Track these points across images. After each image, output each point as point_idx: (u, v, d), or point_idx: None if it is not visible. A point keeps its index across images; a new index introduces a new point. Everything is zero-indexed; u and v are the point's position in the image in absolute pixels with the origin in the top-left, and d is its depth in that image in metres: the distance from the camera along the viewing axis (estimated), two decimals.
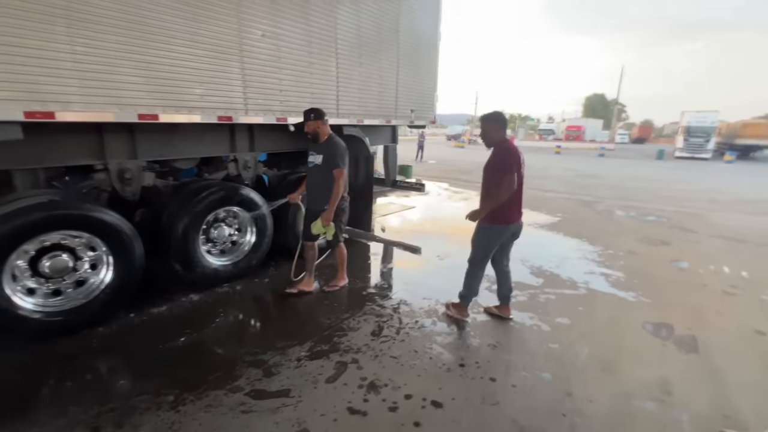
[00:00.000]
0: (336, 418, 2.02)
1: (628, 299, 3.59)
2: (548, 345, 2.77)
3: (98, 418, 1.98)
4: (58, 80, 2.38)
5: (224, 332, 2.89)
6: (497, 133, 2.89)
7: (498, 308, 3.23)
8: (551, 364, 2.55)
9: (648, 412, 2.14)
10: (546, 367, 2.51)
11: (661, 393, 2.29)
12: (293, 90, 3.83)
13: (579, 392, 2.28)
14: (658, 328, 3.09)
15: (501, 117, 2.95)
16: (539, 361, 2.57)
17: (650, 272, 4.26)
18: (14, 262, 2.51)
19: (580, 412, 2.11)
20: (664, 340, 2.91)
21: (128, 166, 3.32)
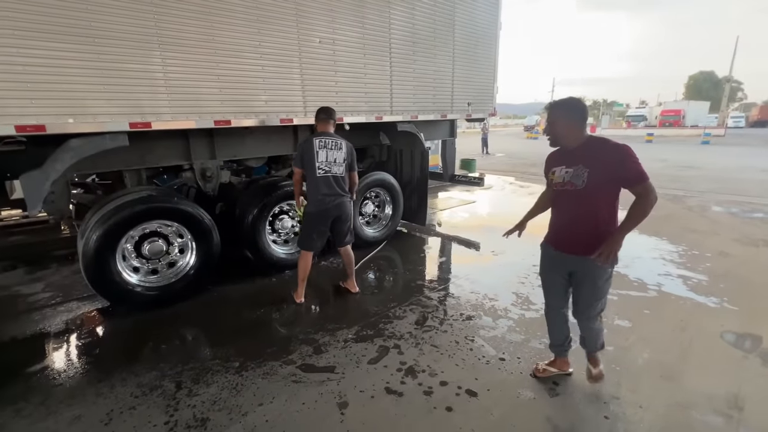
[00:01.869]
0: (373, 396, 2.19)
1: (707, 305, 3.20)
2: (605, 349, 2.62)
3: (181, 374, 2.39)
4: (153, 95, 2.88)
5: (284, 312, 3.22)
6: (577, 128, 1.96)
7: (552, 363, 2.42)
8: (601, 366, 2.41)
9: (708, 425, 1.95)
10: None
11: (729, 408, 2.05)
12: (349, 90, 4.06)
13: (628, 396, 2.15)
14: (742, 338, 2.72)
15: (580, 105, 2.00)
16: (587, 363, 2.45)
17: (743, 277, 3.72)
18: (124, 245, 3.10)
19: (626, 418, 2.00)
20: (746, 353, 2.56)
21: (209, 165, 3.85)
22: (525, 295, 3.43)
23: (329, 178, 3.08)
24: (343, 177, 3.16)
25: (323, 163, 3.05)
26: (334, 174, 3.09)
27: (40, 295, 3.57)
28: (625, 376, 2.33)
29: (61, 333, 2.95)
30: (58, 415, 2.06)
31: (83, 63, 2.57)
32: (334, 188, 3.11)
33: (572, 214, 2.05)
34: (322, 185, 3.07)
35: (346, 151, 3.17)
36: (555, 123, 2.01)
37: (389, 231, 5.00)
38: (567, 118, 1.98)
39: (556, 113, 2.01)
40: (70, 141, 2.70)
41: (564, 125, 1.99)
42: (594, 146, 1.95)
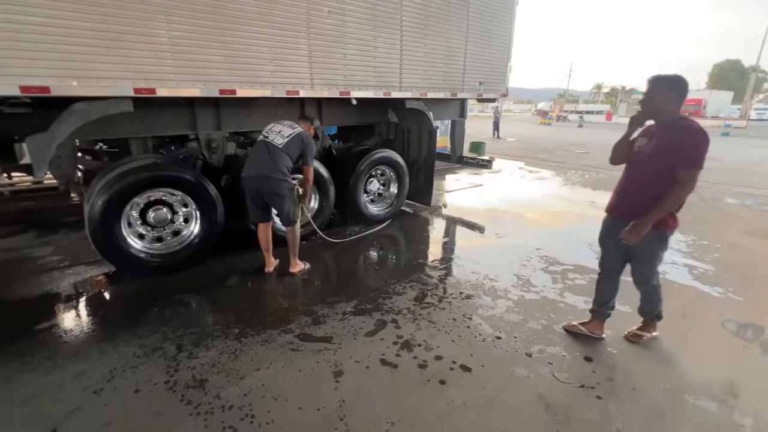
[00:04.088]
0: (368, 366, 2.22)
1: (711, 294, 3.16)
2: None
3: (182, 338, 2.45)
4: (158, 61, 2.84)
5: (285, 284, 3.26)
6: (671, 106, 2.02)
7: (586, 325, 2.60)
8: (597, 349, 2.42)
9: (701, 410, 1.95)
10: (590, 352, 2.39)
11: (725, 394, 2.04)
12: (357, 64, 3.97)
13: (622, 379, 2.15)
14: (744, 328, 2.69)
15: (682, 84, 2.02)
16: (584, 345, 2.46)
17: (751, 268, 3.65)
18: (129, 211, 3.14)
19: (619, 398, 2.01)
20: (747, 342, 2.54)
21: (214, 136, 3.84)
22: (526, 277, 3.41)
23: (265, 143, 3.13)
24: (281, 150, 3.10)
25: (267, 131, 3.21)
26: (271, 141, 3.13)
27: (49, 258, 3.65)
28: (620, 359, 2.33)
29: (68, 294, 3.02)
30: (63, 370, 2.14)
31: (87, 24, 2.54)
32: (266, 157, 3.08)
33: (634, 182, 2.20)
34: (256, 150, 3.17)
35: (296, 136, 3.17)
36: (653, 97, 2.06)
37: (393, 210, 4.98)
38: (666, 93, 2.04)
39: (657, 87, 2.06)
40: (75, 104, 2.70)
41: (662, 100, 2.04)
42: (678, 128, 2.02)
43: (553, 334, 2.57)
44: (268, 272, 3.42)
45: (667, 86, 2.05)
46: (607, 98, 62.52)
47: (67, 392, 1.98)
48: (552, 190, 7.12)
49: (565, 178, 8.13)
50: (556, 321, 2.72)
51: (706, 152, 1.98)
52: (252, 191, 3.21)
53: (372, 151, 4.65)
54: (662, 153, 2.05)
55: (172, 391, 2.00)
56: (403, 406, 1.93)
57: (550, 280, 3.37)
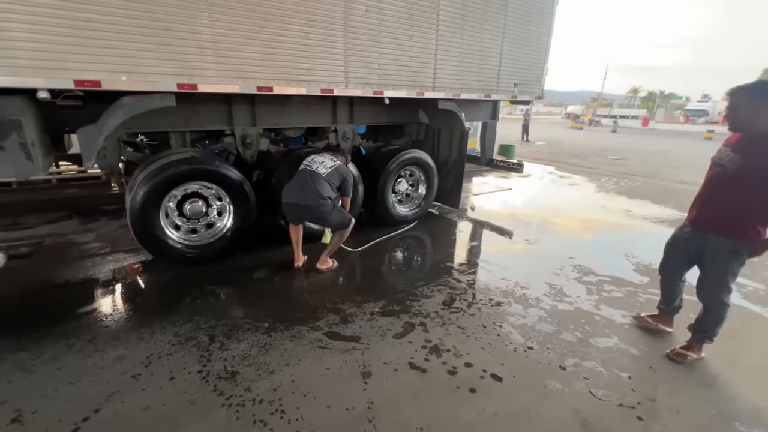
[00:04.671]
0: (397, 369, 2.19)
1: (763, 315, 2.95)
2: (638, 347, 2.49)
3: (214, 329, 2.51)
4: (200, 57, 2.91)
5: (313, 281, 3.28)
6: (762, 116, 1.91)
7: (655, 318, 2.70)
8: (636, 366, 2.30)
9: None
10: (629, 368, 2.27)
11: None
12: (392, 63, 3.95)
13: (665, 400, 2.03)
14: None
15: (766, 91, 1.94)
16: (623, 361, 2.34)
17: None
18: (167, 203, 3.24)
19: (662, 421, 1.90)
20: None
21: (249, 132, 3.91)
22: (559, 286, 3.30)
23: (308, 172, 3.23)
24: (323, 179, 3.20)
25: (310, 161, 3.32)
26: (314, 169, 3.24)
27: (91, 244, 3.83)
28: (662, 379, 2.20)
29: (108, 280, 3.16)
30: (104, 353, 2.23)
31: (138, 21, 2.63)
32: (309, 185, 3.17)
33: (718, 196, 2.13)
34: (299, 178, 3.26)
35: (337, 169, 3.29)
36: (739, 110, 1.98)
37: (421, 211, 4.94)
38: (753, 103, 1.93)
39: (741, 98, 1.97)
40: (123, 98, 2.81)
41: (749, 112, 1.95)
42: None
43: (589, 348, 2.47)
44: (297, 267, 3.45)
45: (752, 95, 1.94)
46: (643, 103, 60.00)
47: (108, 375, 2.05)
48: (585, 196, 6.88)
49: (599, 185, 7.84)
50: (591, 334, 2.61)
51: None
52: (294, 216, 3.35)
53: (402, 151, 4.62)
54: (752, 171, 1.94)
55: (205, 381, 2.04)
56: (432, 412, 1.90)
57: (584, 290, 3.25)
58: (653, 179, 8.61)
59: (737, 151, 2.01)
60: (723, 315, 2.26)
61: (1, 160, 2.45)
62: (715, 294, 2.23)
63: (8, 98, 2.43)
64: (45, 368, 2.09)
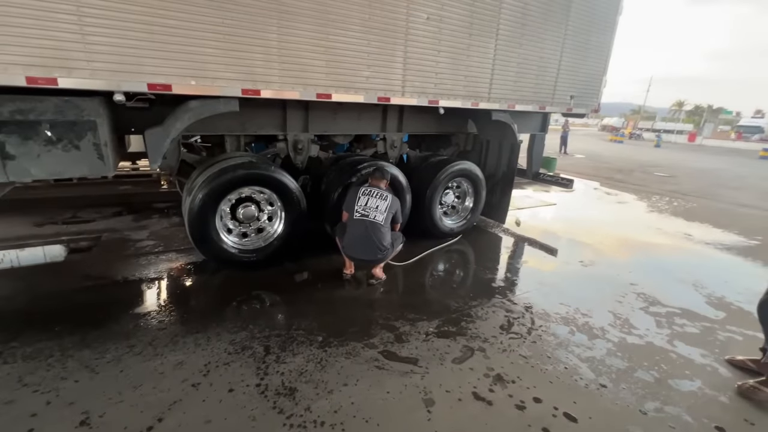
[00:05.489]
0: (461, 398, 2.06)
1: None
2: (727, 394, 2.24)
3: (269, 339, 2.46)
4: (266, 63, 2.91)
5: (362, 292, 3.20)
6: None
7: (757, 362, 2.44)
8: (729, 418, 2.06)
9: None
10: (721, 419, 2.04)
11: None
12: (448, 72, 3.84)
13: None
14: None
15: None
16: (712, 409, 2.11)
17: None
18: (222, 206, 3.26)
19: None
20: None
21: (301, 138, 3.91)
22: (624, 316, 3.06)
23: (366, 223, 3.14)
24: (382, 227, 3.15)
25: (365, 208, 3.17)
26: (372, 220, 3.14)
27: (145, 242, 3.92)
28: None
29: (163, 280, 3.20)
30: (163, 357, 2.22)
31: (208, 27, 2.65)
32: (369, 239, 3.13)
33: None
34: (357, 229, 3.17)
35: (390, 206, 3.21)
36: None
37: (467, 224, 4.78)
38: None
39: None
40: (190, 102, 2.84)
41: None
42: None
43: (669, 390, 2.24)
44: (346, 277, 3.39)
45: None
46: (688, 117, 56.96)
47: (169, 382, 2.04)
48: (637, 216, 6.49)
49: (650, 204, 7.39)
50: (670, 374, 2.38)
51: None
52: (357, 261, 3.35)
53: (451, 163, 4.49)
54: None
55: (264, 396, 1.99)
56: None
57: (653, 323, 3.00)
58: (710, 200, 8.05)
59: None
60: None
61: (76, 159, 2.51)
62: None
63: (86, 100, 2.50)
64: (109, 369, 2.10)
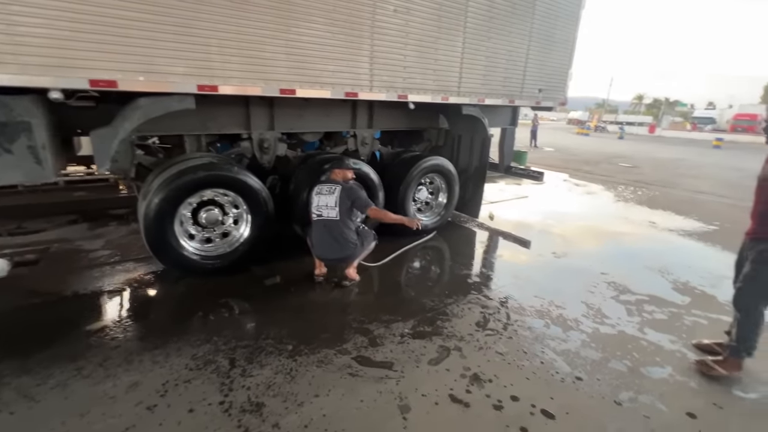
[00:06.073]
0: (437, 402, 1.99)
1: None
2: (697, 379, 2.28)
3: (234, 351, 2.31)
4: (224, 58, 2.73)
5: (335, 296, 3.09)
6: None
7: None
8: (700, 403, 2.09)
9: None
10: (693, 405, 2.07)
11: None
12: (417, 66, 3.77)
13: None
14: None
15: None
16: (683, 396, 2.14)
17: None
18: (182, 211, 3.05)
19: None
20: None
21: (267, 137, 3.73)
22: (596, 306, 3.10)
23: (322, 223, 3.07)
24: (339, 222, 3.03)
25: (317, 207, 3.08)
26: (326, 218, 3.05)
27: (100, 252, 3.64)
28: (733, 421, 2.00)
29: (118, 293, 2.96)
30: (116, 378, 2.03)
31: (157, 17, 2.45)
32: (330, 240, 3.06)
33: (757, 204, 2.19)
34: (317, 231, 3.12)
35: (339, 197, 3.04)
36: None
37: (441, 220, 4.74)
38: None
39: None
40: (139, 100, 2.63)
41: None
42: None
43: (642, 379, 2.26)
44: (318, 279, 3.26)
45: None
46: (648, 110, 59.73)
47: (120, 406, 1.86)
48: (604, 206, 6.67)
49: (617, 194, 7.63)
50: (642, 362, 2.41)
51: None
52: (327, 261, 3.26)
53: (424, 158, 4.43)
54: None
55: (228, 415, 1.85)
56: None
57: (624, 311, 3.04)
58: (671, 189, 8.41)
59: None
60: (760, 324, 2.20)
61: (9, 164, 2.27)
62: (746, 306, 2.21)
63: (16, 99, 2.26)
64: (52, 397, 1.90)
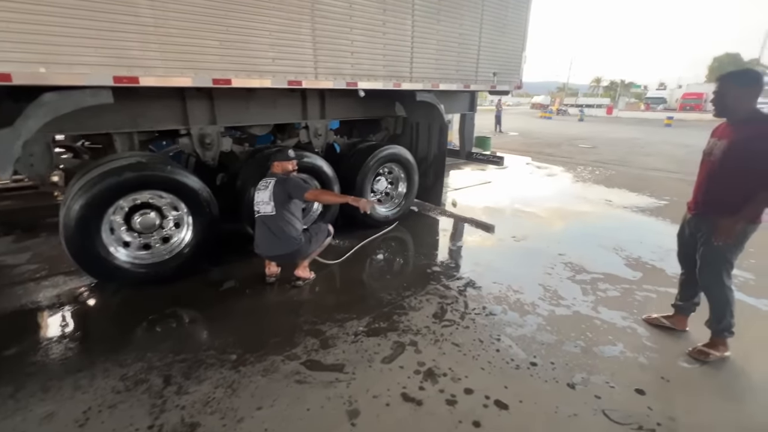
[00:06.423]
0: (389, 403, 1.90)
1: (759, 308, 2.87)
2: (646, 354, 2.32)
3: (170, 366, 2.12)
4: (142, 45, 2.46)
5: (288, 297, 2.93)
6: (745, 103, 2.00)
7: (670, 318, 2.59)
8: (648, 378, 2.12)
9: None
10: (642, 381, 2.09)
11: None
12: (365, 52, 3.61)
13: (685, 419, 1.85)
14: None
15: (755, 78, 1.99)
16: (633, 372, 2.15)
17: None
18: (111, 216, 2.78)
19: None
20: None
21: (208, 132, 3.47)
22: (553, 288, 3.11)
23: (261, 220, 2.93)
24: (277, 217, 2.86)
25: (256, 204, 2.95)
26: (264, 214, 2.90)
27: (25, 266, 3.30)
28: (676, 391, 2.03)
29: (42, 311, 2.68)
30: (27, 411, 1.80)
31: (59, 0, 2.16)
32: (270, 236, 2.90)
33: (709, 180, 2.16)
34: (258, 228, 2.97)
35: (273, 190, 2.88)
36: (725, 95, 2.04)
37: (402, 210, 4.65)
38: (739, 90, 2.01)
39: (728, 84, 2.04)
40: (44, 95, 2.33)
41: (734, 98, 2.01)
42: (752, 127, 1.96)
43: (594, 359, 2.27)
44: (269, 280, 3.09)
45: (739, 82, 2.02)
46: (606, 92, 62.14)
47: None
48: (564, 187, 6.81)
49: (576, 175, 7.82)
50: (595, 342, 2.42)
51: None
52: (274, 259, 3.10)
53: (380, 148, 4.30)
54: (735, 152, 2.01)
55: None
56: None
57: (579, 291, 3.07)
58: (626, 167, 8.72)
59: (723, 140, 2.09)
60: (729, 299, 2.21)
61: None
62: (710, 284, 2.24)
63: None
64: None
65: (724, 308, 2.22)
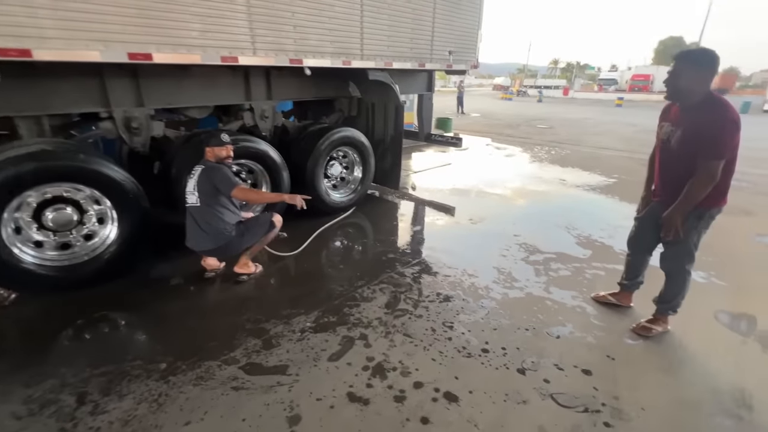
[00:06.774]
0: (333, 405, 1.79)
1: (696, 281, 2.99)
2: (593, 333, 2.34)
3: (87, 382, 1.88)
4: (31, 11, 2.09)
5: (229, 293, 2.72)
6: (699, 86, 1.89)
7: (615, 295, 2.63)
8: (594, 357, 2.14)
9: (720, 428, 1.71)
10: (588, 361, 2.10)
11: (738, 407, 1.82)
12: (309, 25, 3.34)
13: (628, 396, 1.87)
14: (737, 319, 2.53)
15: (712, 59, 1.87)
16: (580, 353, 2.17)
17: (727, 248, 3.55)
18: (14, 214, 2.42)
19: (630, 423, 1.72)
20: (744, 336, 2.37)
21: (135, 115, 3.10)
22: (507, 270, 3.09)
23: (188, 211, 2.72)
24: (203, 209, 2.63)
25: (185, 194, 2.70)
26: (190, 205, 2.68)
27: None
28: (621, 370, 2.05)
29: None
30: None
31: None
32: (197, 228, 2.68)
33: (666, 167, 2.14)
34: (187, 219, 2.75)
35: (199, 181, 2.63)
36: (679, 75, 1.92)
37: (358, 196, 4.48)
38: (694, 71, 1.89)
39: (683, 65, 1.91)
40: None
41: (688, 79, 1.90)
42: (702, 111, 1.89)
43: (545, 341, 2.26)
44: (208, 275, 2.86)
45: (694, 63, 1.90)
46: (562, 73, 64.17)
47: None
48: (521, 167, 6.90)
49: (533, 155, 7.96)
50: (546, 324, 2.42)
51: (731, 139, 1.84)
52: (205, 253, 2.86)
53: (332, 130, 4.07)
54: (689, 140, 1.95)
55: None
56: None
57: (532, 272, 3.08)
58: (579, 147, 8.99)
59: (676, 125, 2.03)
60: (686, 283, 2.25)
61: None
62: (678, 261, 2.20)
63: None
64: None
65: (678, 291, 2.26)
